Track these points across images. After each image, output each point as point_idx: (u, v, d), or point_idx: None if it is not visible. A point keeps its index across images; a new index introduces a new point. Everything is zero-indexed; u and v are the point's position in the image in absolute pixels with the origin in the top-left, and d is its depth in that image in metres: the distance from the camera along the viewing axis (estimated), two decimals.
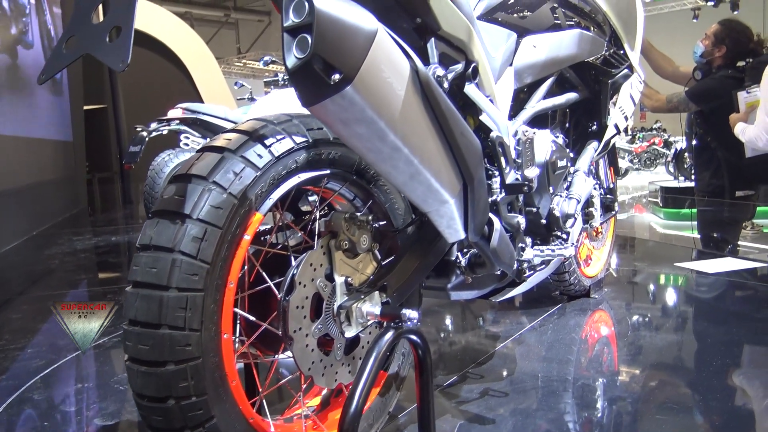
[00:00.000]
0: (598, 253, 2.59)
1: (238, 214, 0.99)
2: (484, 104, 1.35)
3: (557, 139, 1.78)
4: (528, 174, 1.43)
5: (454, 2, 1.22)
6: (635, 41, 2.07)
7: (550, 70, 1.75)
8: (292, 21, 0.86)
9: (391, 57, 0.93)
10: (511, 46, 1.59)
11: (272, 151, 1.03)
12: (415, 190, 1.05)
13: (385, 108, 0.92)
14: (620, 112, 2.08)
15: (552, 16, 1.74)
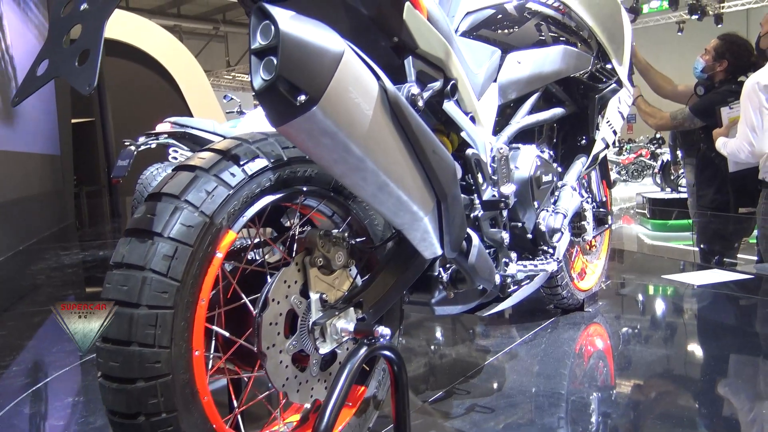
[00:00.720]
0: (593, 266, 2.58)
1: (210, 232, 1.00)
2: (462, 121, 1.36)
3: (543, 154, 1.79)
4: (504, 191, 1.44)
5: (431, 21, 1.23)
6: (623, 56, 2.09)
7: (534, 86, 1.77)
8: (259, 43, 0.88)
9: (359, 77, 0.94)
10: (495, 62, 1.61)
11: (246, 170, 1.05)
12: (387, 207, 1.06)
13: (353, 128, 0.93)
14: (608, 126, 2.09)
15: (537, 33, 1.75)
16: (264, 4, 0.89)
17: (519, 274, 1.62)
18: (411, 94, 1.14)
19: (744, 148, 2.94)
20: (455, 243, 1.20)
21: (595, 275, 2.56)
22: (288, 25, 0.87)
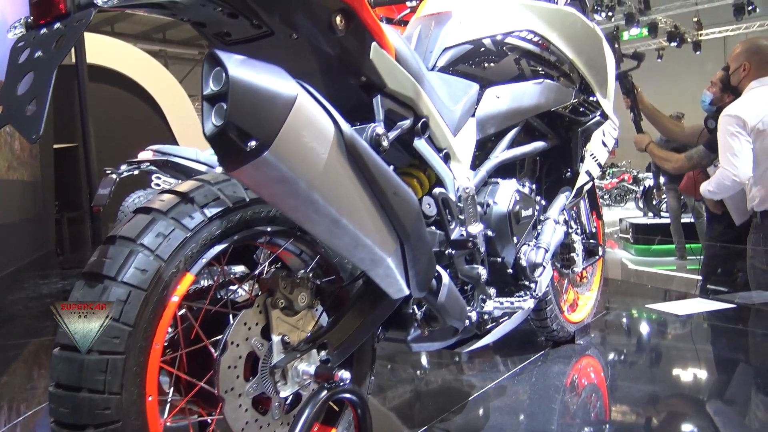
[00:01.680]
0: (585, 298, 2.54)
1: (165, 276, 0.99)
2: (432, 159, 1.36)
3: (523, 188, 1.78)
4: (472, 230, 1.42)
5: (399, 60, 1.24)
6: (607, 89, 2.07)
7: (514, 120, 1.76)
8: (210, 89, 0.89)
9: (313, 121, 0.94)
10: (473, 97, 1.60)
11: (205, 213, 1.05)
12: (346, 249, 1.05)
13: (307, 172, 0.93)
14: (593, 159, 2.07)
15: (516, 67, 1.75)
16: (215, 51, 0.89)
17: (496, 312, 1.59)
18: (375, 134, 1.14)
19: (728, 175, 2.88)
20: (422, 283, 1.19)
21: (587, 307, 2.52)
22: (238, 71, 0.87)
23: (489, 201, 1.61)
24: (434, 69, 1.63)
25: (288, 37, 1.07)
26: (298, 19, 1.05)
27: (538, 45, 1.80)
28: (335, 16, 1.08)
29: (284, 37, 1.07)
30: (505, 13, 1.77)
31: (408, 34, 1.74)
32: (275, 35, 1.06)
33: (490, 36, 1.71)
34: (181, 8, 1.00)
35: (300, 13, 1.05)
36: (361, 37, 1.13)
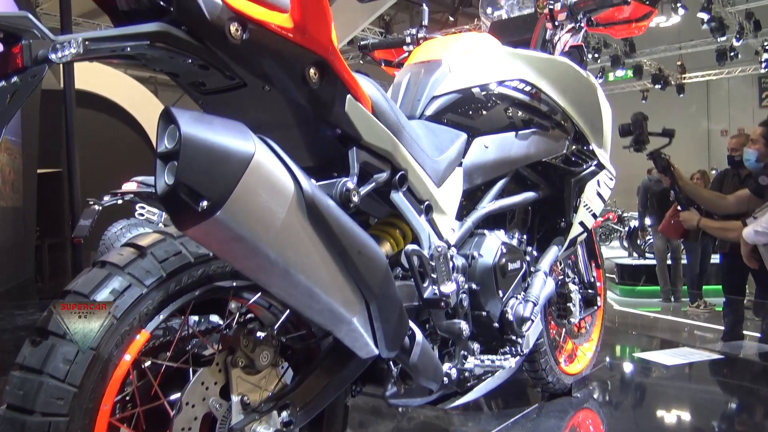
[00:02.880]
0: (583, 349, 2.47)
1: (118, 333, 0.95)
2: (408, 214, 1.33)
3: (511, 239, 1.74)
4: (444, 289, 1.37)
5: (376, 113, 1.23)
6: (603, 138, 2.04)
7: (503, 171, 1.73)
8: (165, 147, 0.87)
9: (271, 179, 0.92)
10: (460, 146, 1.58)
11: (164, 267, 1.01)
12: (308, 309, 1.02)
13: (263, 232, 0.90)
14: (587, 210, 2.02)
15: (506, 117, 1.72)
16: (170, 108, 0.87)
17: (477, 369, 1.54)
18: (345, 189, 1.12)
19: None
20: (392, 342, 1.15)
21: (586, 358, 2.44)
22: (192, 129, 0.85)
23: (474, 253, 1.57)
24: (422, 117, 1.61)
25: (261, 89, 1.05)
26: (271, 72, 1.04)
27: (530, 94, 1.76)
28: (309, 69, 1.07)
29: (257, 88, 1.05)
30: (496, 62, 1.75)
31: (398, 81, 1.72)
32: (248, 87, 1.05)
33: (479, 85, 1.69)
34: (150, 59, 0.98)
35: (272, 66, 1.03)
36: (335, 89, 1.12)
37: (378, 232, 1.38)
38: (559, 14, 1.93)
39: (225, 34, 0.95)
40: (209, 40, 0.95)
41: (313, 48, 1.05)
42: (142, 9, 0.93)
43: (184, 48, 0.94)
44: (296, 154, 1.23)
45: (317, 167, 1.25)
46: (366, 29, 12.02)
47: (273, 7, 1.01)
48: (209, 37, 0.95)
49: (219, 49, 0.97)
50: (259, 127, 1.18)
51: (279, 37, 1.01)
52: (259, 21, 0.98)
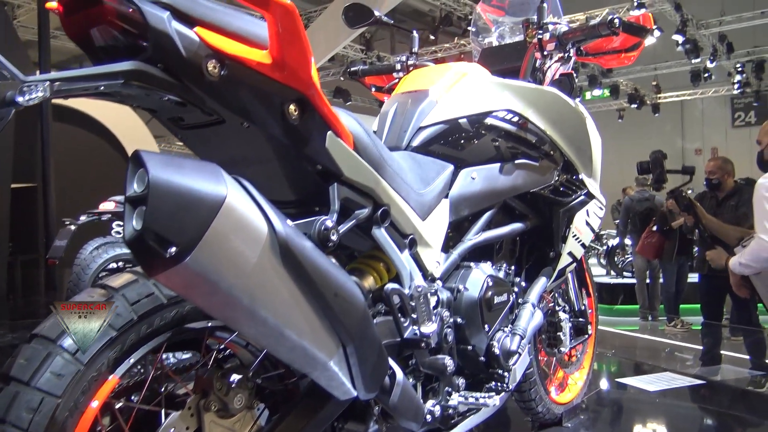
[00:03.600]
0: (574, 378, 2.44)
1: (85, 380, 0.92)
2: (389, 250, 1.30)
3: (498, 272, 1.71)
4: (425, 330, 1.33)
5: (358, 149, 1.21)
6: (592, 168, 2.02)
7: (490, 202, 1.71)
8: (133, 191, 0.85)
9: (243, 223, 0.90)
10: (446, 178, 1.56)
11: (136, 309, 0.98)
12: (282, 353, 0.99)
13: (234, 277, 0.88)
14: (576, 240, 1.99)
15: (493, 147, 1.70)
16: (139, 151, 0.85)
17: (461, 406, 1.50)
18: (324, 228, 1.10)
19: (765, 246, 2.67)
20: (370, 384, 1.12)
21: (577, 387, 2.41)
22: (161, 173, 0.82)
23: (459, 287, 1.53)
24: (408, 148, 1.59)
25: (240, 125, 1.03)
26: (250, 109, 1.02)
27: (518, 125, 1.74)
28: (288, 105, 1.05)
29: (236, 125, 1.03)
30: (484, 92, 1.72)
31: (384, 110, 1.70)
32: (227, 123, 1.02)
33: (466, 116, 1.66)
34: (125, 96, 0.95)
35: (251, 102, 1.01)
36: (315, 126, 1.10)
37: (362, 265, 1.36)
38: (548, 44, 1.91)
39: (202, 72, 0.93)
40: (186, 77, 0.93)
41: (293, 84, 1.03)
42: (119, 45, 0.91)
43: (159, 86, 0.91)
44: (277, 190, 1.21)
45: (298, 202, 1.23)
46: (347, 46, 12.07)
47: (251, 43, 0.99)
48: (186, 75, 0.92)
49: (196, 87, 0.94)
50: (238, 162, 1.17)
51: (257, 73, 0.99)
52: (237, 58, 0.96)
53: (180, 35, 0.90)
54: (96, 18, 0.88)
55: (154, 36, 0.88)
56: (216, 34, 0.95)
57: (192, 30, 0.92)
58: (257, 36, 1.00)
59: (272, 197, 1.24)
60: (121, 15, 0.87)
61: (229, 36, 0.97)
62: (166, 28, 0.89)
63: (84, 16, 0.89)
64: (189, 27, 0.92)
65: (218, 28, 0.96)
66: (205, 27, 0.94)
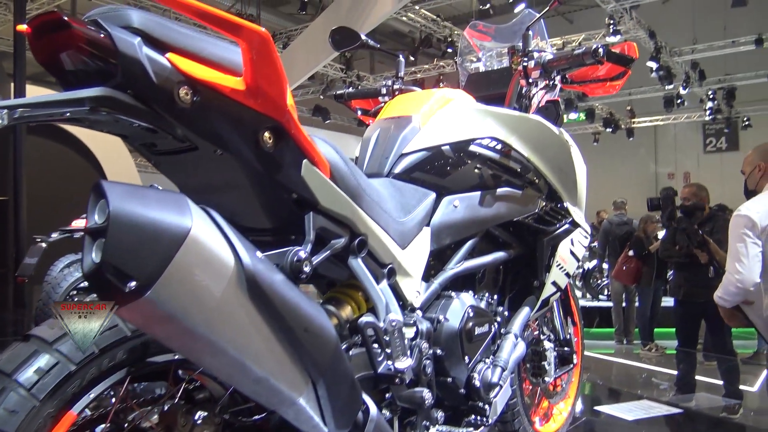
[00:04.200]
0: (559, 408, 2.40)
1: (40, 417, 0.88)
2: (366, 282, 1.28)
3: (480, 301, 1.68)
4: (399, 365, 1.29)
5: (335, 178, 1.19)
6: (577, 196, 2.00)
7: (472, 230, 1.68)
8: (94, 222, 0.82)
9: (208, 256, 0.87)
10: (428, 206, 1.54)
11: (97, 342, 0.93)
12: (249, 390, 0.96)
13: (198, 312, 0.85)
14: (560, 269, 1.95)
15: (476, 175, 1.68)
16: (101, 181, 0.82)
17: None
18: (296, 259, 1.07)
19: (732, 281, 2.67)
20: (342, 420, 1.08)
21: (561, 417, 2.37)
22: (122, 204, 0.80)
23: (440, 317, 1.50)
24: (390, 175, 1.57)
25: (213, 152, 1.01)
26: (223, 136, 0.99)
27: (501, 152, 1.72)
28: (263, 133, 1.03)
29: (209, 152, 1.00)
30: (467, 120, 1.70)
31: (367, 136, 1.68)
32: (200, 150, 1.00)
33: (449, 143, 1.64)
34: (93, 121, 0.92)
35: (224, 130, 0.99)
36: (291, 153, 1.08)
37: (340, 294, 1.33)
38: (532, 72, 1.90)
39: (173, 98, 0.90)
40: (157, 104, 0.90)
41: (267, 112, 1.01)
42: (90, 70, 0.88)
43: (129, 112, 0.89)
44: (252, 218, 1.19)
45: (275, 230, 1.21)
46: (327, 65, 12.10)
47: (225, 69, 0.97)
48: (157, 101, 0.90)
49: (167, 114, 0.92)
50: (213, 189, 1.15)
51: (231, 100, 0.96)
52: (210, 84, 0.94)
53: (151, 61, 0.88)
54: (65, 42, 0.85)
55: (124, 62, 0.85)
56: (189, 60, 0.93)
57: (164, 56, 0.90)
58: (231, 62, 0.98)
59: (248, 225, 1.21)
60: (91, 40, 0.85)
61: (202, 62, 0.95)
62: (137, 53, 0.86)
63: (53, 40, 0.86)
64: (161, 53, 0.90)
65: (191, 53, 0.94)
66: (178, 53, 0.92)
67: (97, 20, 0.87)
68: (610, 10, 10.47)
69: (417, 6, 10.81)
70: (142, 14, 0.90)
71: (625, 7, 10.52)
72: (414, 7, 10.73)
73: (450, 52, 11.58)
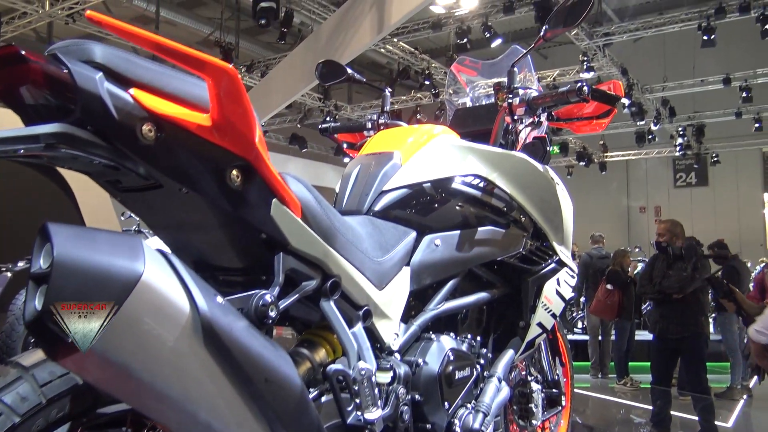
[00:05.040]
0: None
1: None
2: (337, 326, 1.22)
3: (462, 344, 1.62)
4: (369, 416, 1.21)
5: (306, 218, 1.15)
6: (563, 235, 1.94)
7: (454, 270, 1.63)
8: (38, 267, 0.77)
9: (160, 303, 0.83)
10: (408, 244, 1.49)
11: (45, 392, 0.88)
12: None
13: (148, 362, 0.81)
14: (546, 310, 1.88)
15: (458, 213, 1.63)
16: (47, 224, 0.78)
17: None
18: (262, 303, 1.02)
19: None
20: None
21: None
22: (67, 249, 0.76)
23: (418, 360, 1.44)
24: (369, 212, 1.53)
25: (178, 190, 0.96)
26: (188, 174, 0.95)
27: (485, 190, 1.68)
28: (230, 171, 0.99)
29: (174, 190, 0.96)
30: (450, 157, 1.66)
31: (347, 172, 1.65)
32: (165, 187, 0.96)
33: (430, 180, 1.60)
34: (51, 158, 0.87)
35: (190, 167, 0.94)
36: (259, 192, 1.04)
37: (315, 336, 1.28)
38: (517, 109, 1.87)
39: (136, 135, 0.86)
40: (118, 140, 0.86)
41: (235, 149, 0.97)
42: (51, 105, 0.84)
43: (88, 149, 0.84)
44: (221, 258, 1.15)
45: (246, 270, 1.16)
46: (305, 94, 12.15)
47: (192, 105, 0.93)
48: (118, 138, 0.86)
49: (129, 150, 0.88)
50: (180, 227, 1.11)
51: (197, 137, 0.92)
52: (176, 121, 0.90)
53: (112, 96, 0.84)
54: (23, 77, 0.81)
55: (83, 97, 0.81)
56: (154, 95, 0.89)
57: (127, 91, 0.86)
58: (198, 98, 0.94)
59: (219, 264, 1.18)
60: (49, 75, 0.81)
61: (168, 98, 0.91)
62: (97, 89, 0.82)
63: (11, 73, 0.82)
64: (124, 88, 0.86)
65: (156, 89, 0.90)
66: (143, 88, 0.88)
67: (56, 54, 0.83)
68: (584, 47, 10.75)
69: (395, 39, 10.96)
70: (105, 48, 0.87)
71: (599, 45, 10.81)
72: (392, 39, 10.87)
73: (427, 84, 11.74)
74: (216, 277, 1.22)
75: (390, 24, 7.65)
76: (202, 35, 12.54)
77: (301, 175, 1.25)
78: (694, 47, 11.11)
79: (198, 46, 12.16)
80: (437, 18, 10.44)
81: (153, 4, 10.93)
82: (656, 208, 17.19)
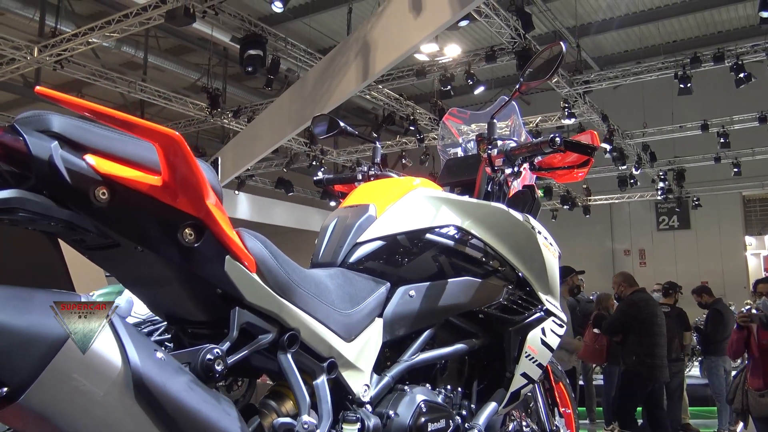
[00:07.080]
0: None
1: None
2: (292, 379, 1.24)
3: (438, 395, 1.61)
4: None
5: (261, 272, 1.19)
6: (548, 283, 1.90)
7: (429, 321, 1.64)
8: None
9: (91, 360, 0.85)
10: (380, 296, 1.51)
11: None
12: None
13: (77, 419, 0.83)
14: (530, 360, 1.83)
15: (434, 264, 1.65)
16: None
17: None
18: (207, 358, 1.05)
19: None
20: None
21: None
22: None
23: (389, 412, 1.43)
24: (344, 265, 1.56)
25: (134, 248, 1.01)
26: (143, 233, 1.01)
27: (460, 240, 1.68)
28: (183, 230, 1.04)
29: (130, 248, 1.01)
30: (424, 208, 1.68)
31: (325, 225, 1.68)
32: (121, 246, 1.01)
33: (404, 232, 1.62)
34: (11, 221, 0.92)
35: (144, 227, 1.00)
36: (213, 249, 1.09)
37: (282, 388, 1.30)
38: (496, 159, 1.89)
39: (89, 198, 0.92)
40: (73, 204, 0.91)
41: (186, 209, 1.02)
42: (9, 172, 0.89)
43: (44, 214, 0.89)
44: (183, 311, 1.20)
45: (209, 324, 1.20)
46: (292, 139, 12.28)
47: (145, 168, 0.99)
48: (73, 201, 0.91)
49: (84, 213, 0.93)
50: (143, 283, 1.15)
51: (150, 198, 0.98)
52: (128, 183, 0.95)
53: (66, 163, 0.89)
54: None
55: (38, 165, 0.87)
56: (108, 160, 0.94)
57: (82, 157, 0.92)
58: (150, 161, 1.00)
59: (182, 318, 1.22)
60: (5, 145, 0.86)
61: (121, 162, 0.97)
62: (51, 156, 0.88)
63: None
64: (79, 155, 0.91)
65: (110, 154, 0.95)
66: (97, 154, 0.94)
67: (14, 126, 0.89)
68: (565, 95, 11.00)
69: (380, 85, 11.18)
70: (62, 118, 0.92)
71: (579, 92, 11.07)
72: (378, 86, 11.09)
73: (412, 130, 11.92)
74: (185, 330, 1.26)
75: (375, 72, 7.80)
76: (190, 81, 12.72)
77: (287, 219, 1.30)
78: (672, 94, 11.39)
79: (185, 91, 12.34)
80: (421, 65, 10.69)
81: (141, 51, 11.12)
82: (640, 250, 17.31)
